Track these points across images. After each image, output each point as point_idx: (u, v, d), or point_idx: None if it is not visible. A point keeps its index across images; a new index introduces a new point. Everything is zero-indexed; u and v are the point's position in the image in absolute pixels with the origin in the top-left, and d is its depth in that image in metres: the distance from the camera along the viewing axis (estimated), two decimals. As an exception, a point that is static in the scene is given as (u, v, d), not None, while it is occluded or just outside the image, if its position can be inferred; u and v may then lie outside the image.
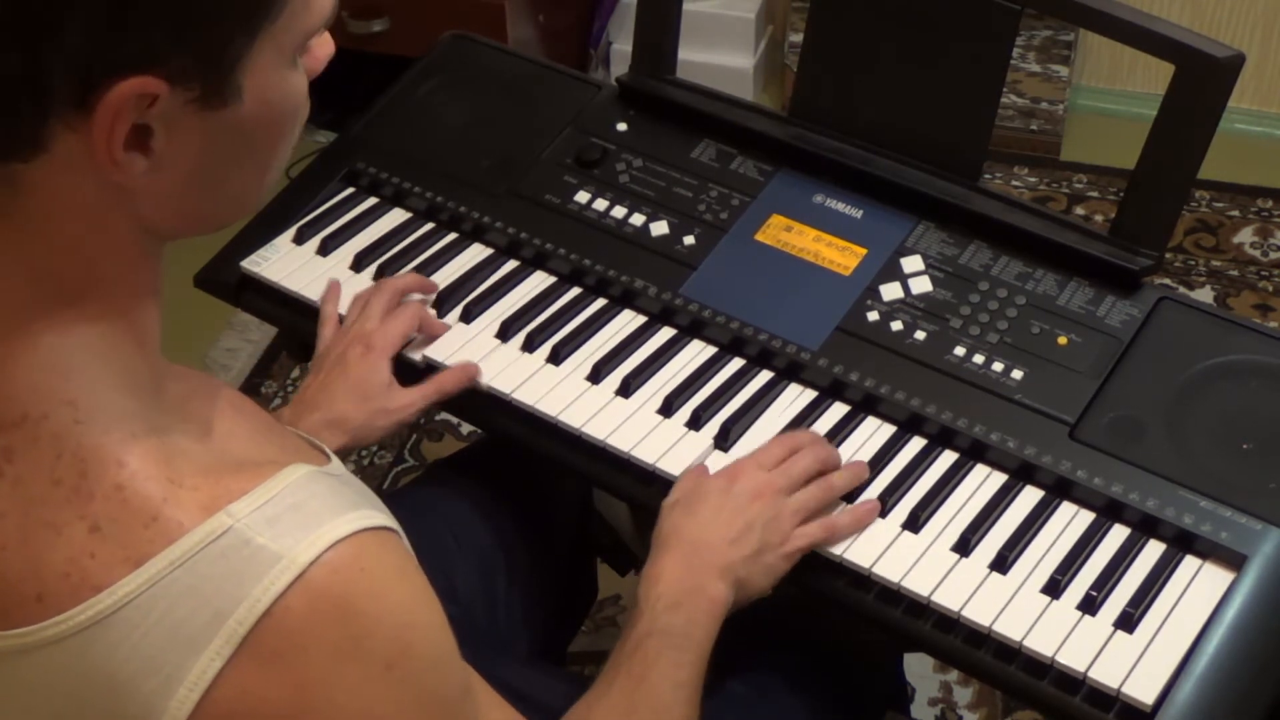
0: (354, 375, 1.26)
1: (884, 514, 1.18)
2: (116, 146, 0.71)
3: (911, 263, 1.34)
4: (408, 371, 1.30)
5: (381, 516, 0.79)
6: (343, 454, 1.24)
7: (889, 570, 1.13)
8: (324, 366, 1.28)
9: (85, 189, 0.73)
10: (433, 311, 1.35)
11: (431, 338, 1.33)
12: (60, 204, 0.73)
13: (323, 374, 1.28)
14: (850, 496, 1.19)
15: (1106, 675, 1.06)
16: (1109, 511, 1.17)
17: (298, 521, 0.74)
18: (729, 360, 1.31)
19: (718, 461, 1.21)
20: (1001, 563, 1.14)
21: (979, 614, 1.11)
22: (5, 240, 0.74)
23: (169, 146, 0.73)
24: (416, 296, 1.36)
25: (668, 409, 1.27)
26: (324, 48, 0.80)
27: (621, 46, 2.94)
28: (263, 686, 0.73)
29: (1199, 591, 1.11)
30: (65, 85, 0.69)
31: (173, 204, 0.76)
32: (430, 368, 1.31)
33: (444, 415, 2.32)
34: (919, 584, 1.13)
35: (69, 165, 0.72)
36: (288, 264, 1.42)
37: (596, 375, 1.30)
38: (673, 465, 1.22)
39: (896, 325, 1.30)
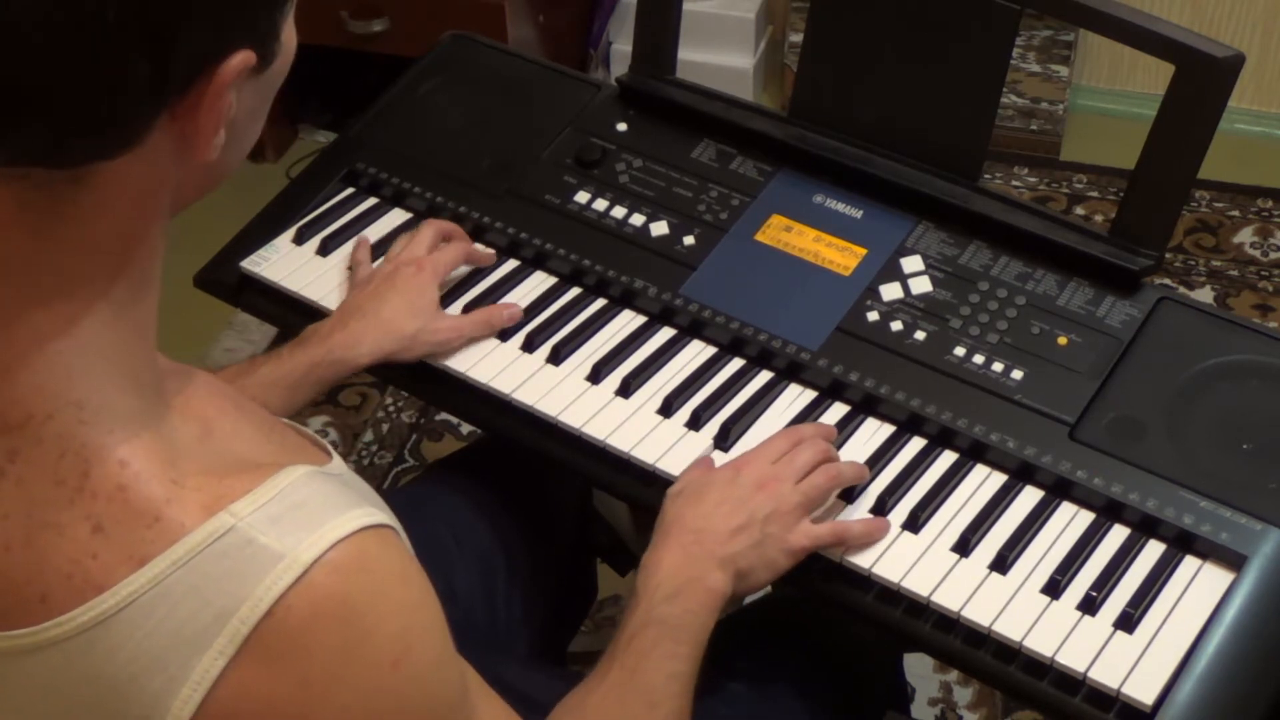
0: (406, 290, 1.29)
1: (884, 514, 1.18)
2: (221, 124, 0.71)
3: (911, 263, 1.34)
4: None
5: (382, 514, 0.79)
6: (389, 360, 1.26)
7: (889, 570, 1.13)
8: (373, 281, 1.31)
9: (145, 177, 0.73)
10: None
11: (479, 262, 1.38)
12: (115, 195, 0.73)
13: (372, 285, 1.30)
14: (849, 498, 1.19)
15: (1106, 675, 1.06)
16: (1109, 512, 1.17)
17: (300, 521, 0.75)
18: (729, 360, 1.31)
19: (718, 461, 1.21)
20: (1001, 563, 1.14)
21: (979, 614, 1.11)
22: (44, 241, 0.73)
23: (235, 116, 0.73)
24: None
25: (667, 409, 1.27)
26: None
27: (621, 46, 2.94)
28: (266, 686, 0.73)
29: (1199, 592, 1.11)
30: (181, 77, 0.69)
31: (208, 172, 0.76)
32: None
33: (444, 415, 2.32)
34: (919, 584, 1.13)
35: (146, 155, 0.71)
36: (287, 264, 1.42)
37: (596, 375, 1.30)
38: (672, 465, 1.22)
39: (896, 325, 1.30)
